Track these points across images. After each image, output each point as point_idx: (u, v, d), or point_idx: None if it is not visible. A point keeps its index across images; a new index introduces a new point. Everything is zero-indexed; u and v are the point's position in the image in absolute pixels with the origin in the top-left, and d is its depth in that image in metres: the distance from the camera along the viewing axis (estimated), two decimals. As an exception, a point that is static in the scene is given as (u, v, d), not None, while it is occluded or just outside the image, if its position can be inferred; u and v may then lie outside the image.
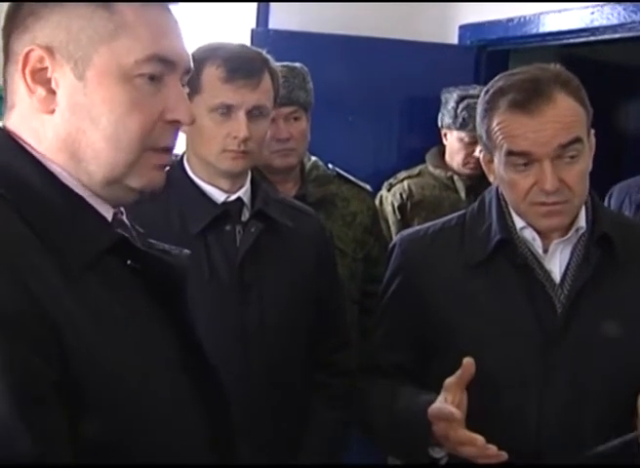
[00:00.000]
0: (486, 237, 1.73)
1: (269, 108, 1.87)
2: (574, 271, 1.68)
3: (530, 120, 1.58)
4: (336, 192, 2.67)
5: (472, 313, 1.71)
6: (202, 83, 1.82)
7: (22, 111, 1.08)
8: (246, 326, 1.82)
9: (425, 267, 1.79)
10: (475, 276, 1.73)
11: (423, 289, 1.78)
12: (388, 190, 3.38)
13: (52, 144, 1.07)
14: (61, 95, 1.06)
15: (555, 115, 1.58)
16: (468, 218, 1.81)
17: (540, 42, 3.81)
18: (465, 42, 4.07)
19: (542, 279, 1.68)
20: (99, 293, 1.03)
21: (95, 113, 1.06)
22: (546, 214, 1.63)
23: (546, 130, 1.58)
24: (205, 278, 1.81)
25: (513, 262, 1.70)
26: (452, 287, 1.74)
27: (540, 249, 1.70)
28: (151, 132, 1.10)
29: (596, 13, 3.37)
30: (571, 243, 1.70)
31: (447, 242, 1.79)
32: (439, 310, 1.75)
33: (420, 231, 1.88)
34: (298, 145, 2.49)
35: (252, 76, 1.81)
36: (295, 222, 1.94)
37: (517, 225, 1.72)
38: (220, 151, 1.82)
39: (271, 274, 1.87)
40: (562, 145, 1.58)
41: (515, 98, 1.59)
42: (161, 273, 1.13)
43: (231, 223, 1.85)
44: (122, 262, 1.09)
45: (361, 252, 2.68)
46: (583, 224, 1.70)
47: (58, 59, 1.05)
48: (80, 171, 1.08)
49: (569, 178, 1.60)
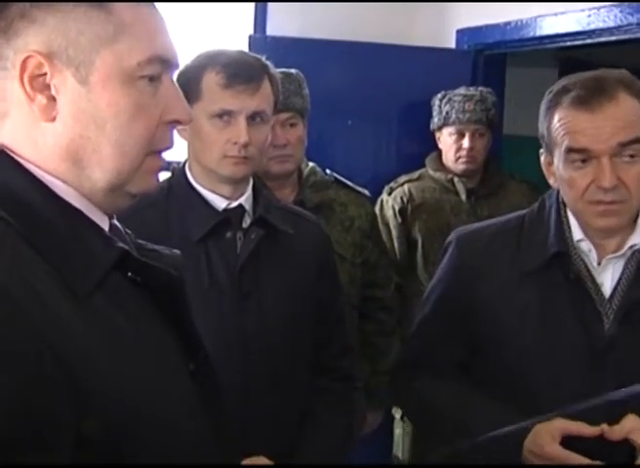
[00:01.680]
0: (542, 246, 1.72)
1: (269, 114, 1.87)
2: (624, 287, 1.67)
3: (591, 116, 1.59)
4: (334, 197, 2.67)
5: (521, 322, 1.71)
6: (202, 89, 1.82)
7: (18, 120, 1.03)
8: (245, 333, 1.82)
9: (480, 270, 1.79)
10: (527, 284, 1.73)
11: (476, 291, 1.78)
12: (389, 194, 3.38)
13: (53, 153, 1.03)
14: (63, 101, 1.02)
15: (616, 113, 1.58)
16: (527, 222, 1.81)
17: (537, 45, 3.81)
18: (463, 46, 4.07)
19: (593, 293, 1.68)
20: (105, 312, 1.01)
21: (100, 119, 1.03)
22: (603, 213, 1.62)
23: (606, 127, 1.58)
24: (205, 285, 1.80)
25: (566, 275, 1.69)
26: (504, 293, 1.74)
27: (595, 261, 1.70)
28: (155, 134, 1.09)
29: (593, 15, 3.37)
30: (624, 258, 1.70)
31: (503, 245, 1.79)
32: (489, 315, 1.76)
33: (477, 231, 1.88)
34: (295, 151, 2.50)
35: (251, 82, 1.81)
36: (296, 229, 1.94)
37: (575, 237, 1.71)
38: (220, 157, 1.82)
39: (271, 281, 1.86)
40: (621, 144, 1.58)
41: (578, 95, 1.60)
42: (161, 282, 1.12)
43: (232, 230, 1.85)
44: (123, 275, 1.07)
45: (360, 256, 2.68)
46: (638, 241, 1.69)
47: (57, 65, 1.01)
48: (82, 178, 1.05)
49: (627, 178, 1.59)
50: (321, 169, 2.73)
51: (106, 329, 0.99)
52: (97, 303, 1.00)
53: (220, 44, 3.06)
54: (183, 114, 1.12)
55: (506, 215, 1.88)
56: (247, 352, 1.81)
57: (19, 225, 0.97)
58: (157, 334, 1.11)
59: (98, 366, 0.95)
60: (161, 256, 1.16)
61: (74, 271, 0.99)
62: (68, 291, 0.97)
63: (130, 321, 1.04)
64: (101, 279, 1.02)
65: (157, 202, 1.86)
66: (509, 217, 1.86)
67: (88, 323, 0.96)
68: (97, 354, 0.95)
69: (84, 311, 0.97)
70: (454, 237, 1.90)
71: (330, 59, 3.62)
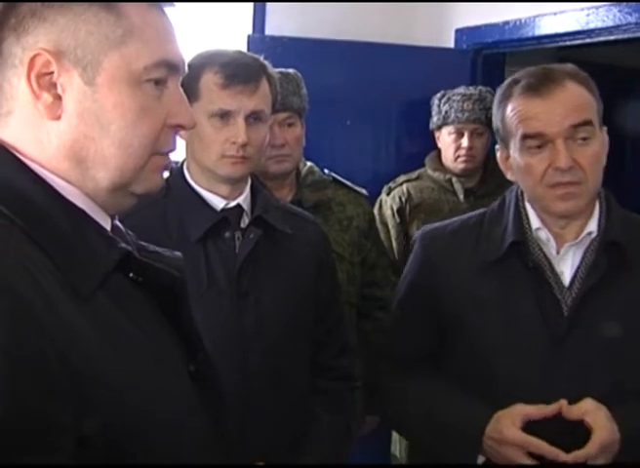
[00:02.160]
0: (501, 237, 1.77)
1: (268, 114, 1.88)
2: (582, 275, 1.71)
3: (542, 102, 1.67)
4: (332, 197, 2.68)
5: (483, 312, 1.75)
6: (200, 89, 1.82)
7: (23, 118, 1.04)
8: (244, 332, 1.82)
9: (443, 265, 1.84)
10: (488, 275, 1.77)
11: (439, 285, 1.83)
12: (388, 194, 3.39)
13: (57, 152, 1.04)
14: (68, 100, 1.02)
15: (566, 97, 1.66)
16: (487, 217, 1.86)
17: (536, 45, 3.82)
18: (462, 45, 4.07)
19: (552, 281, 1.72)
20: (108, 311, 1.01)
21: (104, 119, 1.04)
22: (563, 196, 1.67)
23: (558, 110, 1.65)
24: (203, 285, 1.80)
25: (525, 264, 1.73)
26: (465, 285, 1.79)
27: (554, 250, 1.74)
28: (159, 137, 1.09)
29: (592, 15, 3.38)
30: (583, 246, 1.73)
31: (465, 240, 1.84)
32: (452, 307, 1.80)
33: (441, 227, 1.94)
34: (293, 151, 2.50)
35: (249, 82, 1.81)
36: (294, 229, 1.94)
37: (533, 226, 1.76)
38: (219, 157, 1.82)
39: (270, 281, 1.86)
40: (573, 125, 1.65)
41: (528, 83, 1.68)
42: (162, 283, 1.12)
43: (230, 230, 1.85)
44: (125, 275, 1.07)
45: (358, 255, 2.69)
46: (595, 229, 1.73)
47: (64, 64, 1.02)
48: (86, 178, 1.06)
49: (582, 159, 1.65)
50: (319, 168, 2.74)
51: (108, 328, 1.00)
52: (99, 303, 1.00)
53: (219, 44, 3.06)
54: (187, 119, 1.13)
55: (470, 213, 1.94)
56: (246, 352, 1.81)
57: (23, 224, 0.97)
58: (158, 335, 1.11)
59: (100, 365, 0.95)
60: (162, 258, 1.16)
61: (77, 271, 0.99)
62: (71, 290, 0.97)
63: (131, 321, 1.04)
64: (104, 279, 1.02)
65: (155, 202, 1.86)
66: (471, 214, 1.92)
67: (90, 322, 0.97)
68: (99, 353, 0.95)
69: (87, 310, 0.97)
70: (418, 234, 1.97)
71: (328, 59, 3.62)
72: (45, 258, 0.97)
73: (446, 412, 1.77)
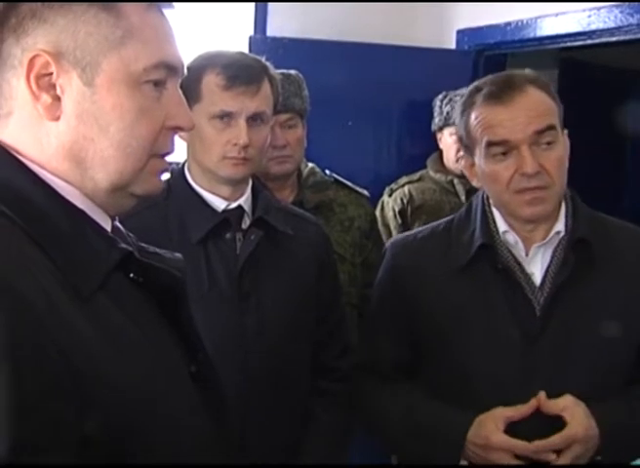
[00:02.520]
0: (469, 242, 1.78)
1: (269, 115, 1.87)
2: (553, 274, 1.73)
3: (505, 109, 1.68)
4: (333, 198, 2.67)
5: (456, 315, 1.77)
6: (202, 91, 1.82)
7: (22, 119, 1.03)
8: (245, 334, 1.82)
9: (413, 271, 1.85)
10: (459, 280, 1.78)
11: (411, 292, 1.84)
12: (389, 195, 3.39)
13: (56, 153, 1.04)
14: (67, 101, 1.02)
15: (528, 103, 1.68)
16: (455, 223, 1.87)
17: (537, 46, 3.82)
18: (463, 46, 4.07)
19: (523, 282, 1.74)
20: (108, 312, 1.01)
21: (103, 120, 1.04)
22: (530, 201, 1.68)
23: (521, 117, 1.66)
24: (204, 287, 1.80)
25: (495, 267, 1.75)
26: (437, 291, 1.80)
27: (523, 252, 1.76)
28: (157, 138, 1.09)
29: (593, 16, 3.38)
30: (551, 246, 1.75)
31: (434, 246, 1.86)
32: (425, 313, 1.81)
33: (410, 236, 1.96)
34: (294, 152, 2.50)
35: (251, 83, 1.81)
36: (296, 230, 1.93)
37: (500, 229, 1.77)
38: (220, 158, 1.81)
39: (271, 282, 1.86)
40: (537, 131, 1.66)
41: (490, 91, 1.70)
42: (162, 283, 1.12)
43: (231, 231, 1.85)
44: (125, 275, 1.07)
45: (359, 256, 2.69)
46: (562, 228, 1.76)
47: (63, 65, 1.01)
48: (85, 179, 1.06)
49: (547, 164, 1.67)
50: (321, 169, 2.73)
51: (109, 329, 0.99)
52: (100, 303, 1.00)
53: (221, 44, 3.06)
54: (186, 121, 1.13)
55: (438, 221, 1.95)
56: (247, 353, 1.81)
57: (23, 224, 0.97)
58: (159, 335, 1.11)
59: (101, 365, 0.95)
60: (163, 259, 1.16)
61: (78, 271, 0.99)
62: (72, 290, 0.97)
63: (132, 321, 1.04)
64: (104, 279, 1.02)
65: (156, 203, 1.86)
66: (440, 221, 1.93)
67: (91, 322, 0.97)
68: (100, 353, 0.95)
69: (87, 311, 0.97)
70: (388, 244, 1.99)
71: (330, 60, 3.62)
72: (46, 259, 0.97)
73: (426, 416, 1.78)
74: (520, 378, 1.69)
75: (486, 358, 1.72)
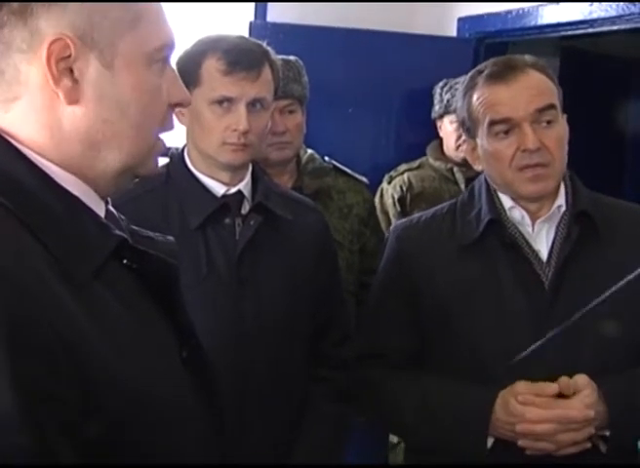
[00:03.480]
0: (476, 219, 1.81)
1: (269, 101, 1.87)
2: (558, 249, 1.76)
3: (506, 88, 1.73)
4: (332, 184, 2.67)
5: (465, 294, 1.78)
6: (202, 75, 1.81)
7: (31, 104, 1.01)
8: (244, 319, 1.82)
9: (419, 252, 1.87)
10: (467, 258, 1.80)
11: (418, 273, 1.85)
12: (389, 183, 3.38)
13: (69, 136, 1.03)
14: (86, 84, 1.02)
15: (529, 82, 1.73)
16: (459, 205, 1.89)
17: (538, 34, 3.81)
18: (464, 34, 4.07)
19: (531, 257, 1.77)
20: (103, 299, 1.01)
21: (124, 102, 1.04)
22: (532, 178, 1.72)
23: (522, 95, 1.72)
24: (203, 272, 1.80)
25: (503, 242, 1.78)
26: (445, 269, 1.82)
27: (529, 227, 1.79)
28: (165, 117, 1.11)
29: (595, 4, 3.37)
30: (555, 222, 1.79)
31: (439, 227, 1.88)
32: (433, 293, 1.82)
33: (414, 219, 1.97)
34: (293, 138, 2.50)
35: (252, 68, 1.80)
36: (295, 215, 1.93)
37: (506, 205, 1.81)
38: (219, 144, 1.81)
39: (270, 267, 1.86)
40: (538, 109, 1.71)
41: (492, 71, 1.75)
42: (155, 270, 1.12)
43: (231, 216, 1.84)
44: (119, 262, 1.07)
45: (357, 243, 2.69)
46: (563, 203, 1.80)
47: (81, 48, 1.00)
48: (97, 161, 1.05)
49: (548, 141, 1.71)
50: (320, 156, 2.73)
51: (104, 315, 1.00)
52: (94, 290, 1.00)
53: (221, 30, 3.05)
54: (185, 97, 1.15)
55: (440, 204, 1.98)
56: (245, 339, 1.81)
57: (18, 211, 0.97)
58: (152, 321, 1.11)
59: (98, 351, 0.95)
60: (155, 243, 1.16)
61: (73, 258, 0.99)
62: (66, 276, 0.97)
63: (126, 307, 1.04)
64: (100, 266, 1.02)
65: (155, 188, 1.86)
66: (442, 205, 1.96)
67: (87, 309, 0.96)
68: (97, 340, 0.95)
69: (83, 297, 0.97)
70: (391, 228, 2.01)
71: (331, 47, 3.62)
72: (40, 246, 0.96)
73: (443, 402, 1.78)
74: None
75: (497, 333, 1.73)
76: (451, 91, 3.32)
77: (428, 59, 3.74)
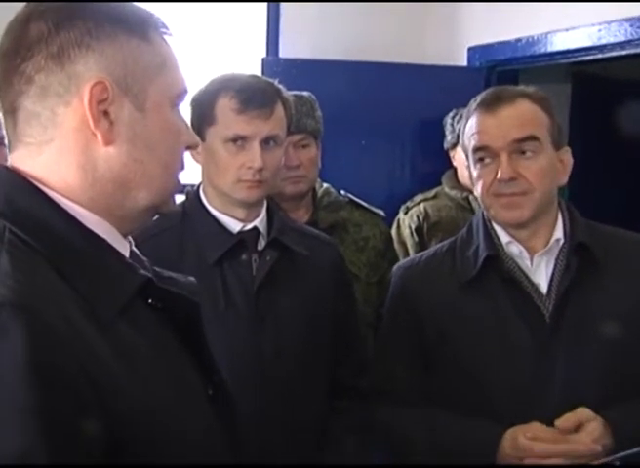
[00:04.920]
0: (474, 256, 1.83)
1: (283, 137, 1.89)
2: (557, 281, 1.77)
3: (490, 117, 1.77)
4: (348, 218, 2.68)
5: (467, 330, 1.79)
6: (216, 114, 1.84)
7: (65, 146, 1.05)
8: (262, 354, 1.83)
9: (421, 290, 1.89)
10: (467, 294, 1.81)
11: (421, 311, 1.87)
12: (405, 213, 3.37)
13: (102, 177, 1.06)
14: (120, 126, 1.06)
15: (512, 113, 1.76)
16: (459, 242, 1.91)
17: (548, 61, 3.81)
18: (475, 63, 4.08)
19: (530, 291, 1.77)
20: (129, 338, 1.03)
21: (153, 142, 1.09)
22: (506, 205, 1.75)
23: (503, 125, 1.75)
24: (221, 308, 1.81)
25: (502, 277, 1.79)
26: (446, 306, 1.83)
27: (528, 261, 1.80)
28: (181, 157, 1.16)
29: (604, 30, 3.38)
30: (553, 255, 1.79)
31: (440, 265, 1.90)
32: (436, 330, 1.83)
33: (415, 259, 2.01)
34: (308, 172, 2.51)
35: (265, 106, 1.83)
36: (311, 250, 1.94)
37: (503, 241, 1.82)
38: (235, 181, 1.83)
39: (287, 303, 1.87)
40: (517, 140, 1.73)
41: (483, 101, 1.80)
42: (179, 309, 1.14)
43: (247, 252, 1.86)
44: (144, 301, 1.09)
45: (374, 275, 2.68)
46: (561, 236, 1.81)
47: (117, 91, 1.05)
48: (126, 199, 1.09)
49: (527, 172, 1.73)
50: (336, 190, 2.74)
51: (130, 354, 1.01)
52: (120, 329, 1.02)
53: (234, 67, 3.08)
54: (195, 140, 1.20)
55: (441, 243, 2.01)
56: (264, 374, 1.82)
57: (46, 253, 0.99)
58: (177, 360, 1.13)
59: (125, 391, 0.96)
60: (177, 283, 1.18)
61: (99, 298, 1.01)
62: (93, 317, 0.98)
63: (151, 346, 1.06)
64: (125, 306, 1.03)
65: (172, 226, 1.88)
66: (443, 243, 1.98)
67: (113, 348, 0.98)
68: (123, 380, 0.97)
69: (109, 337, 0.99)
70: (394, 269, 2.03)
71: (343, 80, 3.64)
72: (68, 287, 0.98)
73: (452, 438, 1.78)
74: (535, 385, 1.71)
75: (500, 367, 1.74)
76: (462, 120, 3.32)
77: (440, 89, 3.74)
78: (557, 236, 1.80)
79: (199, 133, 1.87)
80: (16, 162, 1.07)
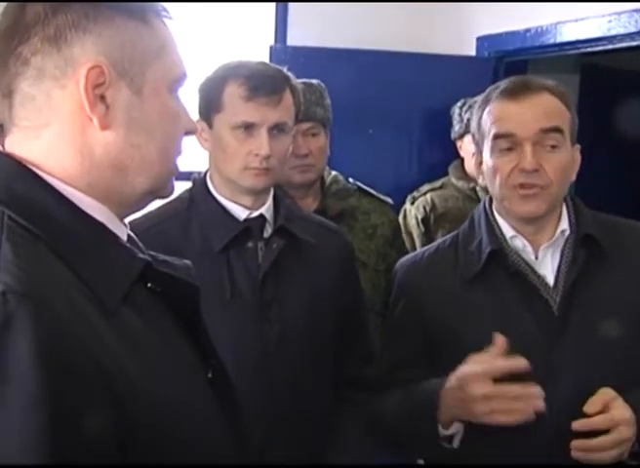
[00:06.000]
0: (478, 250, 1.81)
1: (291, 125, 1.89)
2: (565, 272, 1.75)
3: (515, 105, 1.73)
4: (356, 205, 2.67)
5: (474, 325, 1.76)
6: (224, 101, 1.83)
7: (62, 130, 1.04)
8: (268, 342, 1.83)
9: (425, 287, 1.87)
10: (472, 289, 1.79)
11: (425, 307, 1.84)
12: (412, 203, 3.37)
13: (99, 162, 1.05)
14: (117, 110, 1.05)
15: (539, 103, 1.73)
16: (461, 237, 1.89)
17: (557, 51, 3.80)
18: (483, 53, 4.07)
19: (537, 284, 1.75)
20: (133, 322, 1.03)
21: (151, 127, 1.08)
22: (524, 196, 1.72)
23: (530, 114, 1.72)
24: (227, 295, 1.81)
25: (506, 271, 1.77)
26: (451, 302, 1.81)
27: (532, 255, 1.78)
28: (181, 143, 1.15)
29: (613, 21, 3.36)
30: (559, 246, 1.78)
31: (443, 261, 1.88)
32: (442, 326, 1.81)
33: (418, 255, 1.99)
34: (316, 161, 2.50)
35: (273, 94, 1.82)
36: (317, 238, 1.94)
37: (507, 235, 1.80)
38: (242, 168, 1.83)
39: (293, 290, 1.87)
40: (543, 130, 1.70)
41: (506, 88, 1.76)
42: (178, 292, 1.14)
43: (253, 240, 1.86)
44: (143, 285, 1.09)
45: (383, 263, 2.68)
46: (567, 227, 1.79)
47: (114, 75, 1.04)
48: (124, 184, 1.08)
49: (548, 165, 1.71)
50: (345, 178, 2.74)
51: (135, 338, 1.01)
52: (124, 314, 1.02)
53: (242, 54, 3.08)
54: (193, 125, 1.20)
55: (444, 237, 1.99)
56: (269, 361, 1.82)
57: (47, 239, 0.99)
58: (178, 343, 1.13)
59: (132, 375, 0.96)
60: (173, 266, 1.18)
61: (102, 284, 1.01)
62: (98, 303, 0.99)
63: (153, 330, 1.06)
64: (128, 291, 1.04)
65: (179, 212, 1.88)
66: (445, 238, 1.96)
67: (118, 333, 0.98)
68: (130, 364, 0.97)
69: (113, 322, 0.99)
70: (397, 265, 2.00)
71: (351, 68, 3.64)
72: (70, 273, 0.98)
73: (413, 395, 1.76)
74: (545, 378, 1.67)
75: None
76: (470, 110, 3.31)
77: (448, 79, 3.74)
78: (563, 227, 1.78)
79: (207, 119, 1.87)
80: (12, 146, 1.06)
